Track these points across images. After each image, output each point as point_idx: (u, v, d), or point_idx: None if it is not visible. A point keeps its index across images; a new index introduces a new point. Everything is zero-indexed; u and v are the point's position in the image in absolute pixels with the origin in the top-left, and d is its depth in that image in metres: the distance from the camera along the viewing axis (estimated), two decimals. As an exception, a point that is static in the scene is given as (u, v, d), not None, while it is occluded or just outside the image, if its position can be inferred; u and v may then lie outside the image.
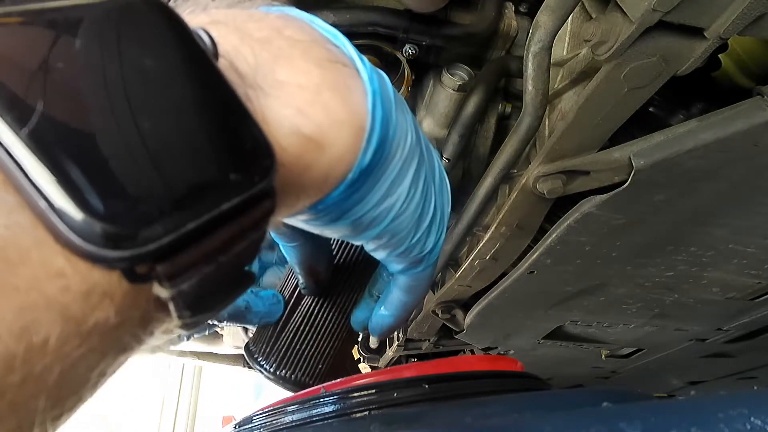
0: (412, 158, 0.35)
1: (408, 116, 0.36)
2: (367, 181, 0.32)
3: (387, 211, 0.35)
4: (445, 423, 0.50)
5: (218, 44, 0.23)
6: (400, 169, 0.34)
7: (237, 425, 0.77)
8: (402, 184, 0.35)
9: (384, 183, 0.33)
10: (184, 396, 4.57)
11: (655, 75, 0.57)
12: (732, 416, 0.33)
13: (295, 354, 0.61)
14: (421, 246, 0.40)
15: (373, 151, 0.30)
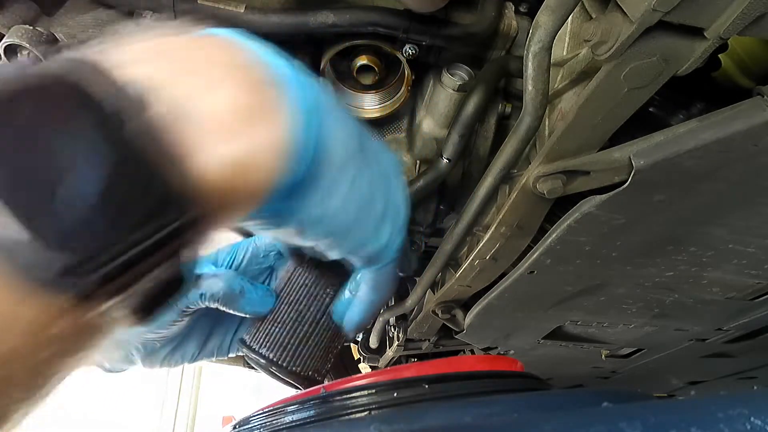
0: (350, 164, 0.38)
1: (347, 124, 0.38)
2: (301, 190, 0.35)
3: (328, 214, 0.37)
4: (445, 423, 0.50)
5: (142, 90, 0.27)
6: (337, 175, 0.37)
7: (237, 425, 0.77)
8: (339, 188, 0.37)
9: (319, 190, 0.36)
10: (184, 396, 4.57)
11: (655, 75, 0.57)
12: (732, 416, 0.33)
13: (290, 343, 0.62)
14: (373, 243, 0.42)
15: (301, 166, 0.33)
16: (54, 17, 0.79)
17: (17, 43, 0.67)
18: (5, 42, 0.68)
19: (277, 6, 0.81)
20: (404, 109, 0.99)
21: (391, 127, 1.04)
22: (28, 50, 0.69)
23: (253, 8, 0.79)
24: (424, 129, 0.97)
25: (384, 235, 0.42)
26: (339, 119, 0.37)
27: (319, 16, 0.78)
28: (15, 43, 0.68)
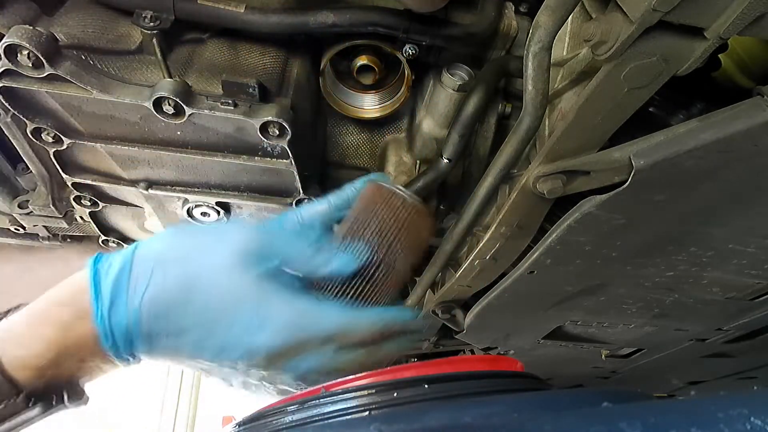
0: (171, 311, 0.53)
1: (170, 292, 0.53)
2: (136, 342, 0.52)
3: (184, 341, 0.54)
4: (445, 423, 0.50)
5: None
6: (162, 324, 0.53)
7: (237, 425, 0.77)
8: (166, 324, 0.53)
9: (160, 338, 0.53)
10: (184, 396, 4.57)
11: (655, 75, 0.57)
12: (732, 416, 0.33)
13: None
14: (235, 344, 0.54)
15: (110, 339, 0.51)
16: (54, 17, 0.79)
17: (17, 43, 0.67)
18: (5, 42, 0.68)
19: (277, 6, 0.81)
20: (404, 109, 0.99)
21: (391, 127, 1.04)
22: (28, 50, 0.68)
23: (253, 8, 0.79)
24: (424, 129, 0.97)
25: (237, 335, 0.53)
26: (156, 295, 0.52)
27: (319, 16, 0.78)
28: (15, 43, 0.68)
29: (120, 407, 4.32)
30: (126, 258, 0.53)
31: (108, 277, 0.51)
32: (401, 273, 0.67)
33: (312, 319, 0.54)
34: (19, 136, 0.90)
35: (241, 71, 0.82)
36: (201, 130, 0.85)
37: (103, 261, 0.53)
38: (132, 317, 0.51)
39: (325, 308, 0.56)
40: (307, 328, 0.54)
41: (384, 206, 0.67)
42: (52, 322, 0.50)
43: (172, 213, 1.08)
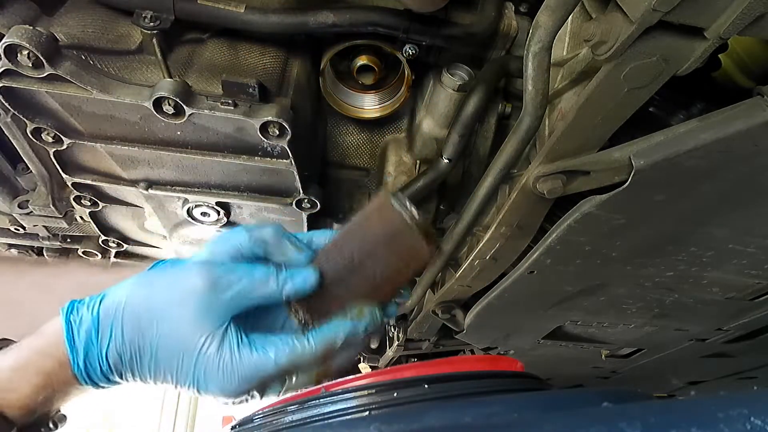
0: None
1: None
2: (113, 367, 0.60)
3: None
4: (445, 423, 0.50)
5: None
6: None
7: (237, 425, 0.77)
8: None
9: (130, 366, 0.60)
10: (184, 396, 4.57)
11: (655, 75, 0.57)
12: (732, 416, 0.33)
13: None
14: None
15: (84, 366, 0.59)
16: (54, 17, 0.79)
17: (17, 43, 0.67)
18: (5, 42, 0.68)
19: (277, 6, 0.81)
20: (404, 109, 0.99)
21: (391, 127, 1.04)
22: (28, 50, 0.68)
23: (253, 8, 0.79)
24: (424, 129, 0.97)
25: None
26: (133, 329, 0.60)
27: (319, 16, 0.78)
28: (15, 43, 0.67)
29: (121, 407, 4.32)
30: (94, 311, 0.61)
31: (80, 331, 0.59)
32: (371, 288, 0.65)
33: (258, 366, 0.59)
34: (19, 136, 0.90)
35: (241, 71, 0.82)
36: (201, 130, 0.85)
37: (74, 313, 0.61)
38: (103, 365, 0.60)
39: (270, 351, 0.59)
40: (254, 376, 0.59)
41: (376, 217, 0.66)
42: (37, 371, 0.58)
43: (172, 213, 1.08)
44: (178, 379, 0.60)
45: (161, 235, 1.19)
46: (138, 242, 1.28)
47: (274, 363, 0.59)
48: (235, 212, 1.08)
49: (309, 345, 0.61)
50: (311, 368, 0.63)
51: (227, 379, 0.59)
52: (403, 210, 0.65)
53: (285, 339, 0.61)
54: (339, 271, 0.66)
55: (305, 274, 0.63)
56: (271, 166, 0.89)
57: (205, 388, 0.60)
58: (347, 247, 0.66)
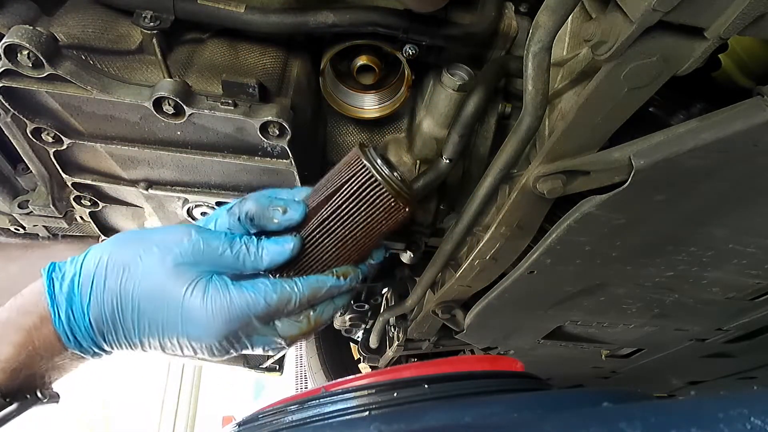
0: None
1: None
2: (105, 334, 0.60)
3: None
4: (445, 423, 0.50)
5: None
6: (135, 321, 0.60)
7: (237, 425, 0.77)
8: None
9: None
10: (184, 396, 4.57)
11: (655, 75, 0.57)
12: (732, 416, 0.33)
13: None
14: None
15: (66, 319, 0.58)
16: (54, 17, 0.79)
17: (17, 43, 0.67)
18: (5, 42, 0.68)
19: (277, 6, 0.81)
20: (404, 109, 0.99)
21: (391, 127, 1.04)
22: (28, 50, 0.68)
23: (253, 8, 0.79)
24: (424, 129, 0.97)
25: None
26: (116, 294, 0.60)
27: (319, 16, 0.78)
28: (15, 43, 0.67)
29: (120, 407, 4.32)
30: (76, 267, 0.60)
31: (63, 284, 0.58)
32: (344, 248, 0.68)
33: (248, 304, 0.60)
34: (19, 136, 0.90)
35: (241, 71, 0.82)
36: (201, 130, 0.85)
37: (56, 270, 0.60)
38: (85, 319, 0.58)
39: (253, 292, 0.61)
40: (243, 315, 0.60)
41: (348, 173, 0.67)
42: (18, 329, 0.56)
43: (172, 213, 1.08)
44: (164, 329, 0.59)
45: (161, 235, 1.19)
46: (138, 242, 1.27)
47: (263, 301, 0.61)
48: (235, 212, 1.08)
49: (297, 287, 0.64)
50: (297, 315, 0.66)
51: (215, 319, 0.59)
52: (372, 166, 0.65)
53: (273, 281, 0.64)
54: (315, 235, 0.67)
55: (283, 243, 0.65)
56: (271, 166, 0.89)
57: (192, 335, 0.60)
58: (320, 208, 0.68)
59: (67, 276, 0.59)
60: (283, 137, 0.79)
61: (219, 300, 0.59)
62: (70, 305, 0.58)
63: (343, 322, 1.85)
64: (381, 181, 0.66)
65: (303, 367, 4.12)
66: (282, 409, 0.69)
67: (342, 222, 0.67)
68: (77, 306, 0.58)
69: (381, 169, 0.66)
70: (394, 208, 0.67)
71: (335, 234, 0.68)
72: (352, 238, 0.68)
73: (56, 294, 0.58)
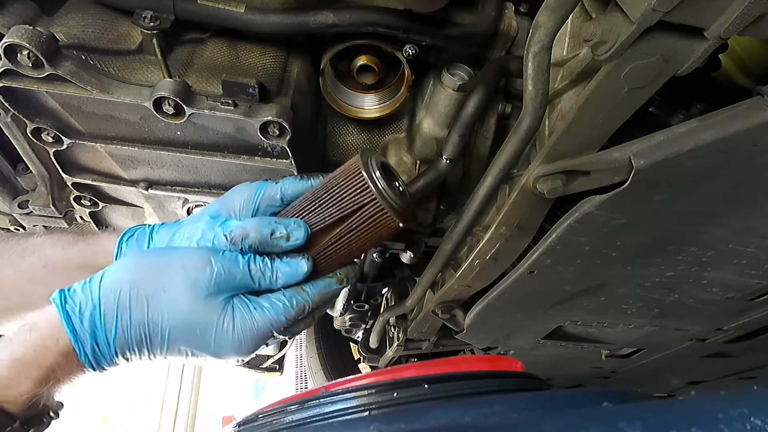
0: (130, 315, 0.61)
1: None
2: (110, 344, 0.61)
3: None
4: (445, 423, 0.50)
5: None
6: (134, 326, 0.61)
7: (237, 425, 0.77)
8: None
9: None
10: (184, 396, 4.57)
11: (655, 75, 0.57)
12: (732, 416, 0.33)
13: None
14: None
15: (92, 352, 0.60)
16: (54, 17, 0.79)
17: (17, 43, 0.67)
18: (5, 42, 0.68)
19: (277, 6, 0.81)
20: (404, 109, 0.99)
21: (391, 127, 1.04)
22: (28, 50, 0.68)
23: (253, 8, 0.79)
24: (424, 129, 0.97)
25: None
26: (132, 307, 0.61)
27: (319, 16, 0.78)
28: (15, 43, 0.67)
29: (120, 407, 4.32)
30: (93, 297, 0.60)
31: (83, 320, 0.59)
32: (344, 257, 0.72)
33: (271, 323, 0.65)
34: (19, 136, 0.90)
35: (241, 71, 0.82)
36: (201, 130, 0.85)
37: (69, 301, 0.60)
38: (111, 350, 0.60)
39: (274, 313, 0.65)
40: (268, 334, 0.65)
41: (348, 187, 0.69)
42: (37, 367, 0.57)
43: (172, 213, 1.08)
44: (195, 352, 0.63)
45: (161, 235, 1.19)
46: (138, 242, 1.27)
47: (284, 318, 0.66)
48: (235, 212, 1.08)
49: (309, 296, 0.68)
50: (306, 317, 0.71)
51: (245, 343, 0.64)
52: (369, 178, 0.67)
53: (288, 295, 0.67)
54: (319, 253, 0.71)
55: (296, 266, 0.68)
56: (271, 166, 0.89)
57: (222, 355, 0.64)
58: (324, 230, 0.71)
59: (85, 308, 0.59)
60: (283, 137, 0.79)
61: (247, 326, 0.63)
62: (94, 339, 0.59)
63: (343, 322, 1.85)
64: (379, 198, 0.68)
65: (303, 367, 4.12)
66: (282, 409, 0.69)
67: (344, 238, 0.71)
68: (102, 339, 0.59)
69: (378, 182, 0.68)
70: (390, 222, 0.70)
71: (338, 249, 0.72)
72: (352, 248, 0.72)
73: (77, 330, 0.58)
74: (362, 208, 0.68)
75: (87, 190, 1.03)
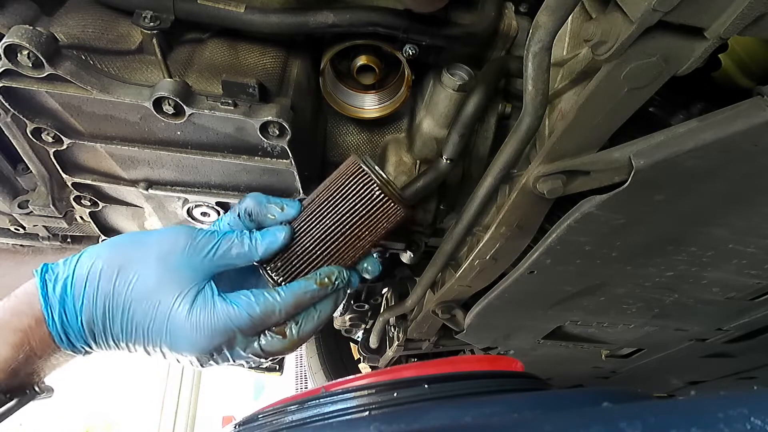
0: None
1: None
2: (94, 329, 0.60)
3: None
4: (445, 423, 0.50)
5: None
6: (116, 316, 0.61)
7: (237, 425, 0.77)
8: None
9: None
10: (184, 396, 4.57)
11: (655, 75, 0.57)
12: (732, 416, 0.33)
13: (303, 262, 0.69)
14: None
15: (60, 321, 0.59)
16: (54, 17, 0.79)
17: (17, 43, 0.67)
18: (5, 42, 0.68)
19: (277, 6, 0.81)
20: (404, 109, 0.99)
21: (391, 127, 1.04)
22: (28, 50, 0.68)
23: (253, 8, 0.79)
24: (424, 129, 0.97)
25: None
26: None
27: (319, 16, 0.78)
28: (15, 43, 0.67)
29: (120, 407, 4.32)
30: (69, 268, 0.60)
31: (56, 286, 0.59)
32: (334, 246, 0.70)
33: (230, 317, 0.61)
34: (19, 136, 0.90)
35: (241, 71, 0.82)
36: (201, 130, 0.85)
37: (49, 271, 0.60)
38: (77, 321, 0.59)
39: (236, 305, 0.61)
40: (226, 328, 0.61)
41: (345, 176, 0.70)
42: (14, 330, 0.57)
43: (172, 213, 1.08)
44: (150, 336, 0.60)
45: (161, 235, 1.19)
46: (138, 242, 1.27)
47: (246, 314, 0.61)
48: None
49: (280, 296, 0.64)
50: (281, 324, 0.66)
51: (198, 333, 0.60)
52: (370, 170, 0.68)
53: (256, 292, 0.64)
54: (309, 230, 0.70)
55: (275, 232, 0.67)
56: (271, 166, 0.89)
57: (176, 346, 0.61)
58: (317, 207, 0.70)
59: (60, 277, 0.59)
60: (283, 137, 0.79)
61: (204, 314, 0.60)
62: (63, 307, 0.59)
63: (343, 322, 1.85)
64: (376, 181, 0.68)
65: (303, 367, 4.12)
66: (282, 409, 0.69)
67: (334, 218, 0.68)
68: (70, 308, 0.59)
69: (377, 172, 0.69)
70: (388, 208, 0.69)
71: (327, 228, 0.69)
72: (343, 237, 0.69)
73: (49, 296, 0.58)
74: (358, 191, 0.68)
75: (87, 190, 1.03)
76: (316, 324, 0.69)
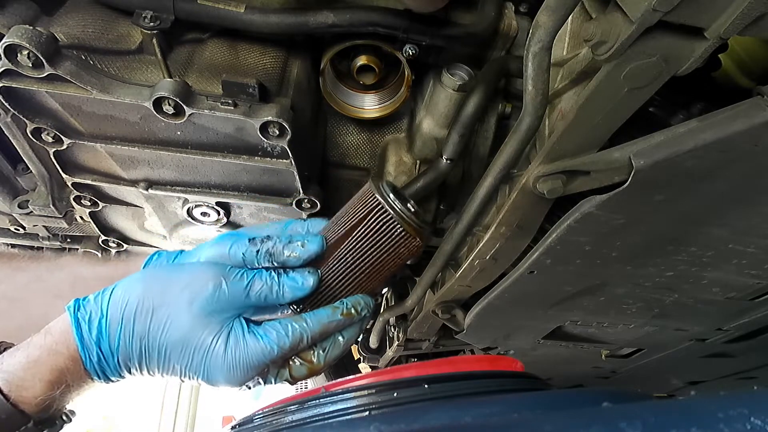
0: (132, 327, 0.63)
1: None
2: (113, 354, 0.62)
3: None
4: (445, 423, 0.50)
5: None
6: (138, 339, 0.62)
7: (237, 425, 0.77)
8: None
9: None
10: (184, 396, 4.57)
11: (655, 75, 0.57)
12: (732, 416, 0.33)
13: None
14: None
15: (97, 360, 0.61)
16: (54, 17, 0.79)
17: (17, 43, 0.67)
18: (5, 42, 0.68)
19: (277, 6, 0.81)
20: (404, 109, 0.99)
21: (391, 127, 1.04)
22: (28, 50, 0.68)
23: (253, 8, 0.79)
24: (424, 129, 0.97)
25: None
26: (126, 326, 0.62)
27: (319, 16, 0.78)
28: (15, 43, 0.67)
29: (121, 407, 4.32)
30: (102, 307, 0.62)
31: (91, 327, 0.61)
32: (359, 280, 0.70)
33: (263, 353, 0.63)
34: (19, 136, 0.90)
35: (241, 71, 0.82)
36: (201, 130, 0.85)
37: (81, 309, 0.62)
38: (114, 360, 0.62)
39: (268, 342, 0.64)
40: (259, 364, 0.63)
41: (363, 208, 0.69)
42: (51, 369, 0.60)
43: (172, 213, 1.08)
44: (188, 373, 0.63)
45: (161, 235, 1.19)
46: (138, 242, 1.27)
47: (277, 347, 0.64)
48: (235, 212, 1.08)
49: (307, 325, 0.66)
50: (309, 350, 0.68)
51: (234, 370, 0.63)
52: (388, 205, 0.67)
53: (284, 323, 0.65)
54: (334, 271, 0.69)
55: (303, 279, 0.68)
56: (271, 166, 0.89)
57: (213, 380, 0.64)
58: (340, 248, 0.69)
59: (94, 317, 0.61)
60: (283, 137, 0.79)
61: (237, 353, 0.63)
62: (98, 347, 0.61)
63: (343, 322, 1.85)
64: (395, 216, 0.68)
65: (303, 367, 4.10)
66: (282, 409, 0.69)
67: (358, 255, 0.69)
68: (106, 348, 0.61)
69: (393, 203, 0.68)
70: (407, 241, 0.69)
71: (351, 267, 0.70)
72: (366, 271, 0.70)
73: (84, 337, 0.61)
74: (378, 226, 0.68)
75: (87, 190, 1.03)
76: (342, 350, 0.71)
